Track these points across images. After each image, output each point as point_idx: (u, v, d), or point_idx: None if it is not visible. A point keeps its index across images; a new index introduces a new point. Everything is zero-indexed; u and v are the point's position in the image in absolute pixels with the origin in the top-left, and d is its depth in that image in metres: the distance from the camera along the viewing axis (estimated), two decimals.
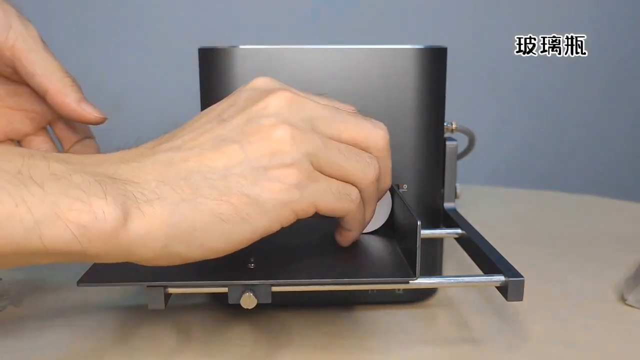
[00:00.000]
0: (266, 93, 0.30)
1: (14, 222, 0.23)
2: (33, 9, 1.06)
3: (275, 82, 0.32)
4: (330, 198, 0.30)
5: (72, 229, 0.24)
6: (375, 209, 0.34)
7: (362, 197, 0.32)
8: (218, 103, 0.32)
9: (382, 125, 0.33)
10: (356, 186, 0.31)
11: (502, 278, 0.32)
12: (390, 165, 0.34)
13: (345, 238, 0.34)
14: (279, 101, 0.29)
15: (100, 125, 0.41)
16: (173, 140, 0.30)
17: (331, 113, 0.31)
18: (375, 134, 0.32)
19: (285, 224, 0.29)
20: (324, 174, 0.30)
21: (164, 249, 0.26)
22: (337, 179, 0.30)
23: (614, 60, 1.11)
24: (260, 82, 0.32)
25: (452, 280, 0.33)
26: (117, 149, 0.30)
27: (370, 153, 0.32)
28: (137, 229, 0.25)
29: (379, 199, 0.35)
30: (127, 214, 0.25)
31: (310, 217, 0.30)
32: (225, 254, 0.28)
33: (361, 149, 0.32)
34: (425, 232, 0.40)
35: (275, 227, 0.29)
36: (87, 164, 0.27)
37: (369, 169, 0.31)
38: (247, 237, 0.28)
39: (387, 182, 0.34)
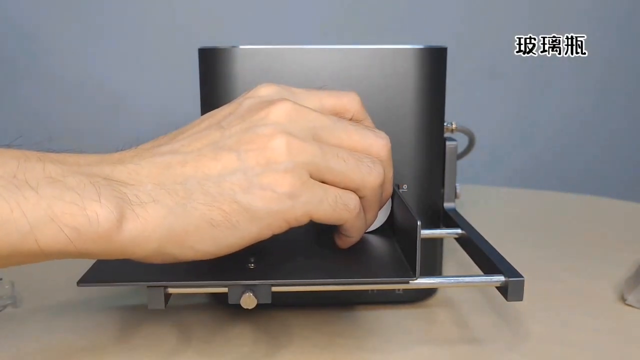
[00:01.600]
0: (267, 104, 0.30)
1: (10, 226, 0.24)
2: (33, 9, 1.06)
3: (278, 89, 0.32)
4: (326, 208, 0.30)
5: (67, 232, 0.24)
6: (376, 216, 0.34)
7: (363, 203, 0.32)
8: (220, 108, 0.32)
9: (383, 134, 0.33)
10: (359, 192, 0.31)
11: (502, 278, 0.32)
12: (391, 174, 0.34)
13: (344, 242, 0.34)
14: (279, 112, 0.29)
15: (101, 126, 0.41)
16: (172, 143, 0.30)
17: (333, 122, 0.31)
18: (377, 143, 0.32)
19: (277, 231, 0.29)
20: (327, 182, 0.30)
21: (157, 250, 0.27)
22: (340, 186, 0.30)
23: (614, 60, 1.11)
24: (264, 90, 0.32)
25: (452, 280, 0.33)
26: (117, 149, 0.30)
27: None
28: (131, 231, 0.26)
29: (380, 207, 0.35)
30: (122, 216, 0.25)
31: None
32: (217, 256, 0.29)
33: None
34: (425, 232, 0.40)
35: (266, 235, 0.29)
36: (83, 165, 0.27)
37: (372, 174, 0.31)
38: (237, 243, 0.28)
39: (388, 191, 0.34)
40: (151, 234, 0.26)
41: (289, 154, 0.28)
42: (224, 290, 0.30)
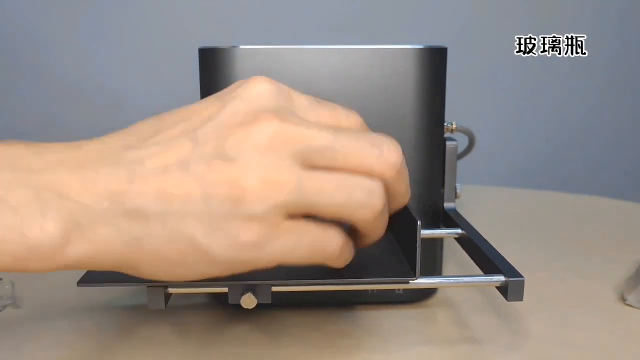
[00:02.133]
0: (250, 121, 0.26)
1: None
2: (33, 9, 1.06)
3: (275, 91, 0.28)
4: (300, 254, 0.26)
5: (7, 257, 0.23)
6: (381, 235, 0.31)
7: (359, 230, 0.29)
8: (202, 104, 0.28)
9: (393, 148, 0.28)
10: (352, 224, 0.28)
11: (502, 278, 0.32)
12: (403, 187, 0.29)
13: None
14: (260, 135, 0.25)
15: (101, 126, 0.41)
16: (141, 147, 0.26)
17: (327, 141, 0.26)
18: (380, 165, 0.27)
19: (242, 273, 0.28)
20: (312, 215, 0.26)
21: (115, 269, 0.26)
22: (327, 218, 0.27)
23: (614, 60, 1.11)
24: (257, 88, 0.27)
25: (452, 280, 0.33)
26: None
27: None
28: (78, 253, 0.24)
29: (384, 226, 0.30)
30: (68, 238, 0.24)
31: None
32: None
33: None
34: (425, 232, 0.40)
35: (228, 275, 0.28)
36: (36, 170, 0.24)
37: (366, 207, 0.27)
38: (196, 278, 0.26)
39: (400, 203, 0.31)
40: (103, 257, 0.25)
41: (260, 195, 0.24)
42: (224, 290, 0.30)
